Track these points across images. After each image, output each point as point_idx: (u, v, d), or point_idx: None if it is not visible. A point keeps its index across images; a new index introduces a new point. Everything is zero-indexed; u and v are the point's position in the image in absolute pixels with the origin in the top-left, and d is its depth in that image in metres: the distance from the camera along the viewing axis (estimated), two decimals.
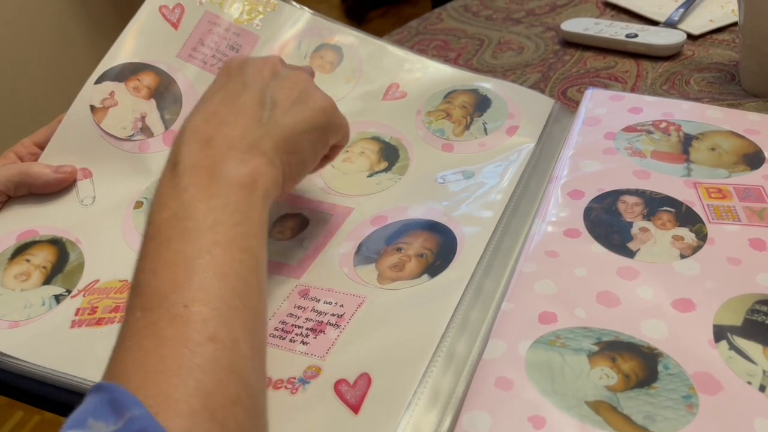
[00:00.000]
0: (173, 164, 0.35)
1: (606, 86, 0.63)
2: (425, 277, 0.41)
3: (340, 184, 0.51)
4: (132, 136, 0.52)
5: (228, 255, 0.32)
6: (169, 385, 0.27)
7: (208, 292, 0.30)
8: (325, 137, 0.41)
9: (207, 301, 0.30)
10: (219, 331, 0.29)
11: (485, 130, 0.54)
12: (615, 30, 0.69)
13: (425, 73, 0.60)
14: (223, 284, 0.31)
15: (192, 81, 0.55)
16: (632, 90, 0.62)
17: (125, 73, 0.53)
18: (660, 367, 0.34)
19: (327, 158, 0.45)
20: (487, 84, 0.58)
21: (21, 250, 0.46)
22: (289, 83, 0.41)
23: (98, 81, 0.52)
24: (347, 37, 0.62)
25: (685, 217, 0.42)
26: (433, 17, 0.86)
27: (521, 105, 0.55)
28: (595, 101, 0.55)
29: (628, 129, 0.51)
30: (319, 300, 0.41)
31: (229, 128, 0.37)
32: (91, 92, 0.52)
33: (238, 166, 0.35)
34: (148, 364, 0.28)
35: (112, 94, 0.52)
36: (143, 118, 0.53)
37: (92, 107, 0.51)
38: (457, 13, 0.86)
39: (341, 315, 0.40)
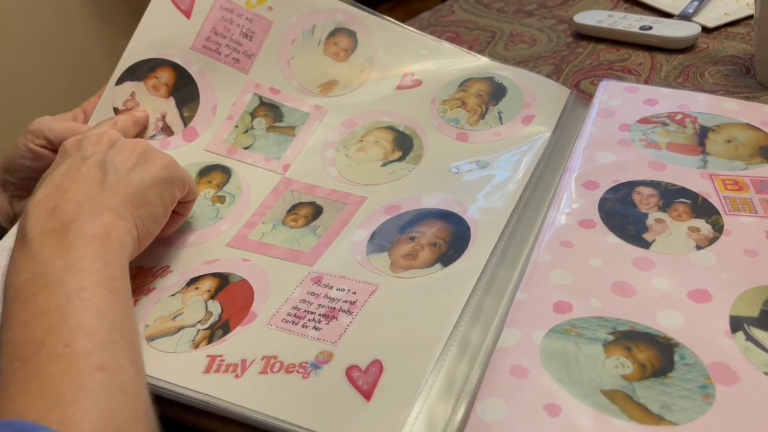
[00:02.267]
0: (21, 236, 0.36)
1: (619, 79, 0.63)
2: (438, 266, 0.41)
3: (353, 173, 0.51)
4: (154, 136, 0.53)
5: (97, 296, 0.33)
6: (68, 411, 0.28)
7: (86, 329, 0.31)
8: (171, 190, 0.42)
9: (87, 337, 0.31)
10: (105, 360, 0.31)
11: (500, 119, 0.54)
12: (629, 22, 0.69)
13: (440, 59, 0.60)
14: (100, 321, 0.32)
15: (207, 73, 0.55)
16: (646, 82, 0.61)
17: (143, 71, 0.54)
18: (676, 357, 0.34)
19: (179, 215, 0.45)
20: (503, 72, 0.58)
21: None
22: (128, 149, 0.42)
23: (119, 82, 0.53)
24: (362, 19, 0.61)
25: (701, 208, 0.42)
26: (445, 9, 0.85)
27: (537, 94, 0.55)
28: (610, 93, 0.54)
29: (643, 120, 0.50)
30: (332, 287, 0.41)
31: (74, 194, 0.38)
32: (113, 93, 0.52)
33: (89, 222, 0.36)
34: (41, 400, 0.28)
35: (133, 95, 0.53)
36: (164, 117, 0.53)
37: (115, 109, 0.52)
38: (469, 5, 0.85)
39: (354, 302, 0.40)
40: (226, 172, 0.52)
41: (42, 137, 0.49)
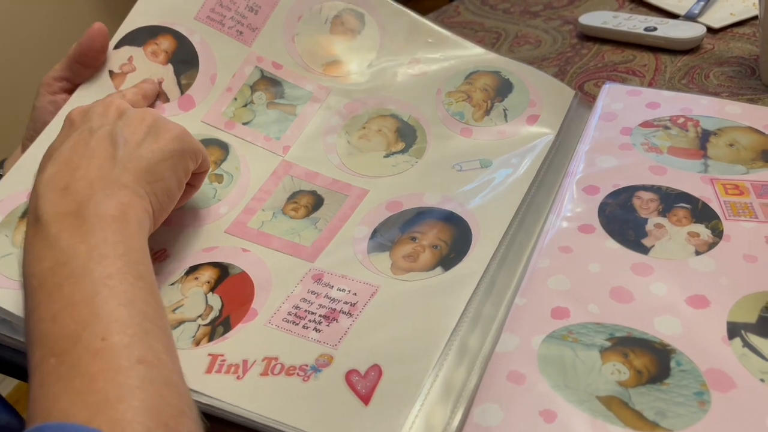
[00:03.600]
0: (35, 219, 0.35)
1: (624, 80, 0.62)
2: (439, 269, 0.42)
3: (355, 162, 0.51)
4: None
5: (125, 284, 0.32)
6: (117, 411, 0.27)
7: (121, 321, 0.30)
8: (185, 163, 0.41)
9: (122, 329, 0.30)
10: (144, 353, 0.30)
11: (505, 116, 0.53)
12: (634, 23, 0.68)
13: (448, 48, 0.59)
14: (132, 311, 0.31)
15: (210, 44, 0.54)
16: (650, 84, 0.61)
17: (144, 36, 0.52)
18: (672, 364, 0.34)
19: (192, 186, 0.45)
20: (510, 67, 0.57)
21: None
22: (137, 120, 0.40)
23: (117, 46, 0.51)
24: (371, 1, 0.60)
25: (701, 213, 0.42)
26: (451, 10, 0.85)
27: (543, 93, 0.55)
28: (612, 96, 0.54)
29: (645, 124, 0.50)
30: (333, 286, 0.42)
31: (84, 171, 0.36)
32: (110, 57, 0.51)
33: (104, 201, 0.35)
34: (88, 400, 0.27)
35: (130, 59, 0.51)
36: (160, 83, 0.52)
37: (111, 72, 0.51)
38: (475, 6, 0.85)
39: (354, 304, 0.40)
40: (223, 147, 0.52)
41: (56, 81, 0.47)
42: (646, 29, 0.67)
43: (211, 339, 0.39)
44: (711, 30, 0.67)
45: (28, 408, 0.29)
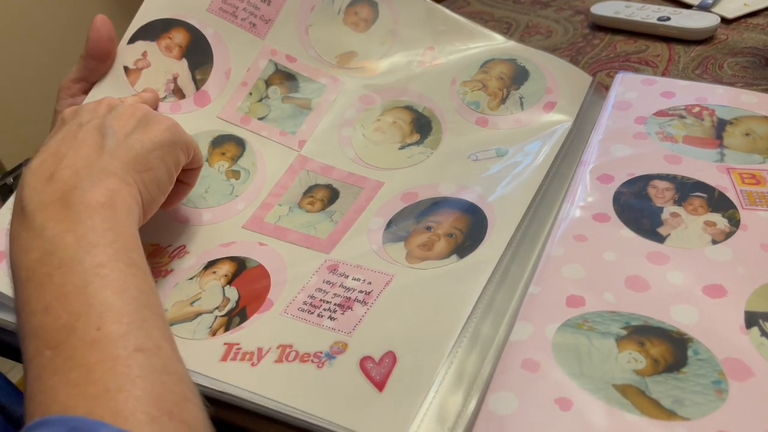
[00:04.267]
0: (20, 209, 0.34)
1: (636, 71, 0.62)
2: (454, 257, 0.41)
3: (370, 155, 0.51)
4: (165, 98, 0.52)
5: (117, 272, 0.31)
6: (118, 401, 0.26)
7: (115, 310, 0.30)
8: (175, 154, 0.40)
9: (117, 318, 0.29)
10: (142, 341, 0.29)
11: (522, 104, 0.53)
12: (646, 13, 0.68)
13: (463, 37, 0.58)
14: (126, 299, 0.30)
15: (223, 37, 0.54)
16: (663, 74, 0.60)
17: (156, 30, 0.52)
18: (690, 352, 0.34)
19: (186, 184, 0.44)
20: (525, 54, 0.56)
21: None
22: (128, 113, 0.40)
23: (131, 40, 0.51)
24: None
25: (718, 202, 0.42)
26: (461, 0, 0.85)
27: (560, 79, 0.54)
28: (626, 85, 0.54)
29: (660, 113, 0.50)
30: (348, 276, 0.41)
31: (71, 160, 0.36)
32: (124, 52, 0.50)
33: (91, 189, 0.34)
34: (87, 392, 0.27)
35: (144, 54, 0.51)
36: (175, 79, 0.52)
37: (126, 69, 0.50)
38: None
39: (369, 292, 0.40)
40: (240, 143, 0.52)
41: (74, 83, 0.47)
42: (659, 19, 0.66)
43: (227, 329, 0.39)
44: (725, 20, 0.67)
45: (26, 403, 0.28)
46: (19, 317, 0.31)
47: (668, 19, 0.66)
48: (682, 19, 0.66)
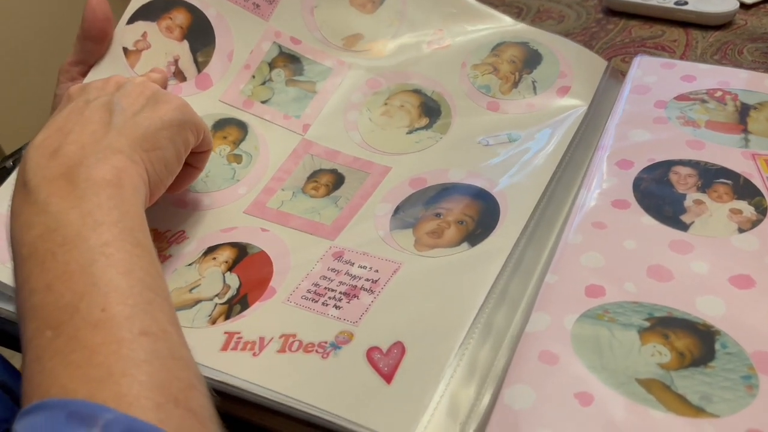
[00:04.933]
0: (22, 184, 0.32)
1: (653, 56, 0.60)
2: (465, 245, 0.40)
3: (377, 139, 0.49)
4: None
5: (123, 252, 0.30)
6: (122, 386, 0.25)
7: (120, 291, 0.28)
8: (184, 134, 0.39)
9: (122, 299, 0.28)
10: (147, 324, 0.28)
11: (534, 88, 0.51)
12: None
13: (473, 20, 0.57)
14: (131, 281, 0.29)
15: (226, 18, 0.52)
16: (681, 60, 0.58)
17: (157, 10, 0.50)
18: (717, 346, 0.32)
19: (195, 168, 0.43)
20: (538, 37, 0.55)
21: None
22: (136, 91, 0.39)
23: (130, 21, 0.49)
24: None
25: (743, 189, 0.40)
26: None
27: (574, 63, 0.52)
28: (644, 69, 0.52)
29: (681, 98, 0.48)
30: (354, 264, 0.40)
31: (77, 136, 0.34)
32: (123, 33, 0.49)
33: (96, 165, 0.33)
34: (89, 374, 0.25)
35: (144, 35, 0.49)
36: (176, 61, 0.50)
37: (125, 50, 0.48)
38: None
39: (376, 280, 0.38)
40: (242, 127, 0.50)
41: (73, 66, 0.46)
42: (676, 3, 0.64)
43: (227, 317, 0.38)
44: (743, 5, 0.65)
45: (23, 386, 0.27)
46: (19, 296, 0.30)
47: (686, 3, 0.64)
48: (700, 4, 0.63)
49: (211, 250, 0.42)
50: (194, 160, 0.43)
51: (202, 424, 0.26)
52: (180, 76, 0.50)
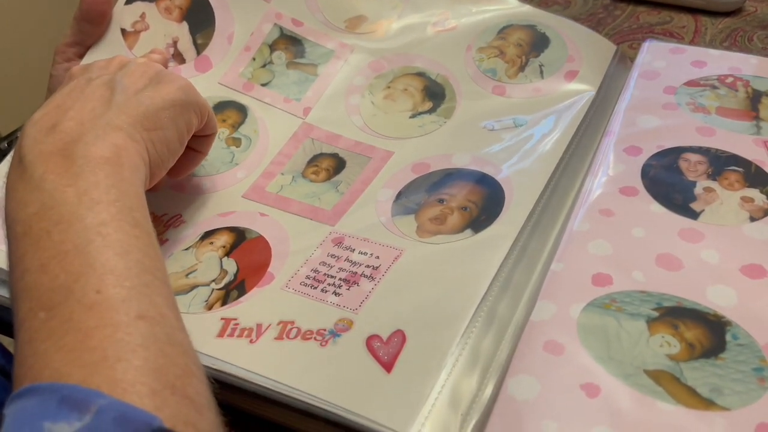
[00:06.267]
0: (18, 160, 0.31)
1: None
2: (468, 232, 0.39)
3: (379, 123, 0.48)
4: None
5: (120, 232, 0.29)
6: (116, 371, 0.24)
7: (117, 273, 0.27)
8: (187, 115, 0.38)
9: (119, 282, 0.27)
10: (144, 308, 0.27)
11: (541, 72, 0.50)
12: None
13: (479, 2, 0.55)
14: (129, 262, 0.28)
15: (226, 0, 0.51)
16: None
17: None
18: (728, 337, 0.31)
19: (199, 152, 0.42)
20: (546, 20, 0.53)
21: None
22: (140, 71, 0.38)
23: (129, 1, 0.48)
24: None
25: (755, 177, 0.39)
26: None
27: (582, 47, 0.51)
28: (653, 54, 0.51)
29: (691, 83, 0.47)
30: (354, 250, 0.39)
31: (76, 113, 0.33)
32: (121, 14, 0.47)
33: (95, 143, 0.32)
34: (83, 358, 0.24)
35: (143, 16, 0.48)
36: (175, 43, 0.49)
37: (123, 31, 0.47)
38: None
39: (377, 267, 0.37)
40: (241, 110, 0.49)
41: (69, 47, 0.45)
42: None
43: (224, 303, 0.37)
44: None
45: (15, 368, 0.26)
46: (12, 275, 0.29)
47: None
48: None
49: (208, 235, 0.41)
50: (198, 144, 0.41)
51: (198, 411, 0.26)
52: (179, 58, 0.49)
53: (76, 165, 0.31)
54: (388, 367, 0.32)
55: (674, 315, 0.32)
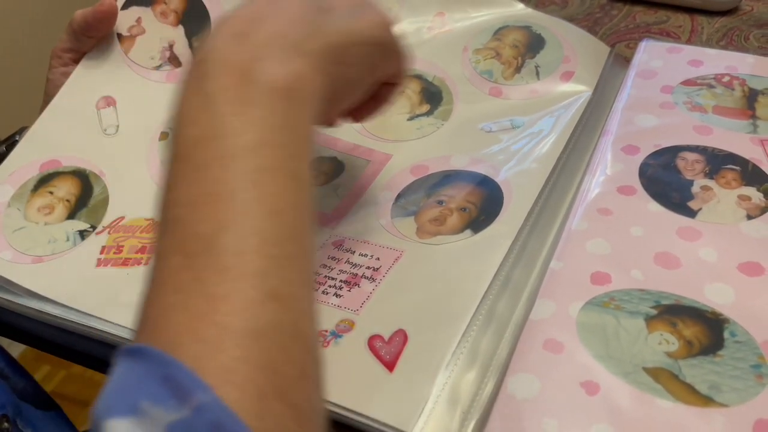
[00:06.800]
0: (199, 60, 0.29)
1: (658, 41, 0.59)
2: (467, 232, 0.39)
3: (377, 126, 0.48)
4: (160, 66, 0.49)
5: (278, 185, 0.26)
6: (231, 358, 0.22)
7: (263, 236, 0.25)
8: (378, 57, 0.34)
9: (262, 248, 0.25)
10: (279, 286, 0.24)
11: (537, 73, 0.50)
12: None
13: (475, 3, 0.55)
14: (278, 226, 0.26)
15: (221, 2, 0.51)
16: None
17: None
18: (726, 334, 0.31)
19: (379, 99, 0.38)
20: (541, 21, 0.54)
21: (44, 182, 0.44)
22: None
23: (125, 6, 0.48)
24: None
25: (752, 175, 0.39)
26: None
27: (578, 48, 0.51)
28: (650, 53, 0.51)
29: (688, 82, 0.47)
30: (354, 252, 0.39)
31: (269, 25, 0.30)
32: (117, 18, 0.48)
33: (278, 66, 0.29)
34: (200, 330, 0.23)
35: (138, 20, 0.49)
36: (171, 47, 0.49)
37: (119, 36, 0.48)
38: None
39: (377, 268, 0.37)
40: None
41: (65, 53, 0.45)
42: None
43: None
44: None
45: (140, 304, 0.24)
46: (162, 196, 0.27)
47: None
48: None
49: None
50: (383, 91, 0.38)
51: (299, 424, 0.23)
52: (175, 61, 0.49)
53: (250, 90, 0.28)
54: (390, 366, 0.33)
55: (673, 313, 0.32)
